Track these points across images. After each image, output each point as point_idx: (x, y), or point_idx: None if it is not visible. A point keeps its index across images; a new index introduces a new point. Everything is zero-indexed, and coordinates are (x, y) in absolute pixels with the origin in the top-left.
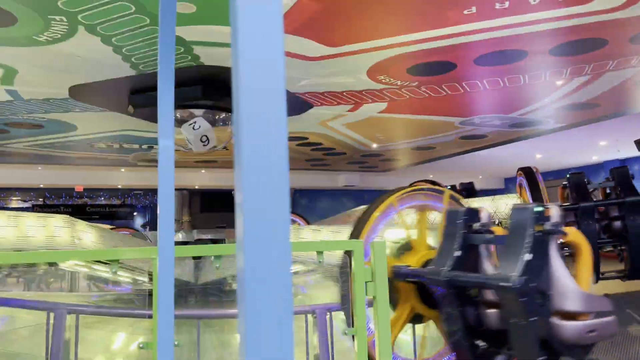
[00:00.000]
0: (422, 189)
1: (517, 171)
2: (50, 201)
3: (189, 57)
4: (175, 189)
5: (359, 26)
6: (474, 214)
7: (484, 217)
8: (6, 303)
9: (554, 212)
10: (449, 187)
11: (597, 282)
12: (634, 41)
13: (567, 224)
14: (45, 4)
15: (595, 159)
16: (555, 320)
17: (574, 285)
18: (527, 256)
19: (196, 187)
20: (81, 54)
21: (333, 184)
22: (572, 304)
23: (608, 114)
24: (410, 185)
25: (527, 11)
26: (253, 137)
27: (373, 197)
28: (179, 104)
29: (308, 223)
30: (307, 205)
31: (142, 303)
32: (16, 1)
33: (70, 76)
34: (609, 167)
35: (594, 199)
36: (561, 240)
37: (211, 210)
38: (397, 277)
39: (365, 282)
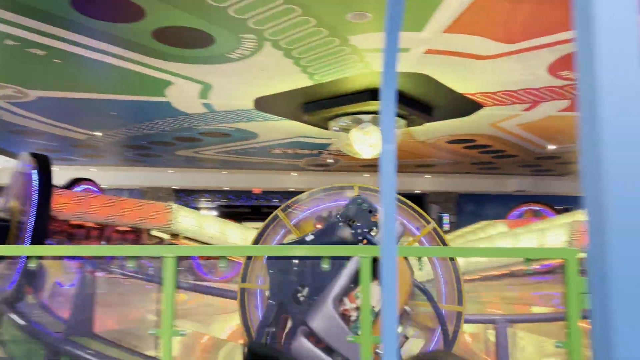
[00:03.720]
0: None
1: None
2: (232, 202)
3: (361, 65)
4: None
5: (542, 19)
6: None
7: None
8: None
9: None
10: None
11: None
12: None
13: None
14: (239, 24)
15: None
16: None
17: None
18: None
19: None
20: (266, 67)
21: (502, 188)
22: None
23: None
24: None
25: None
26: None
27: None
28: (351, 111)
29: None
30: (473, 211)
31: None
32: (215, 24)
33: (255, 89)
34: None
35: None
36: None
37: None
38: None
39: (580, 294)
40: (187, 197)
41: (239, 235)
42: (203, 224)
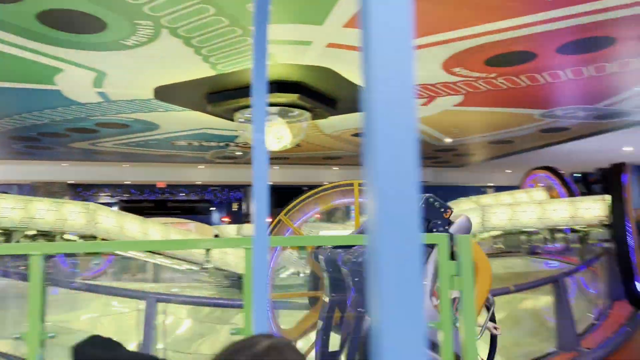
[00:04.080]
0: None
1: (534, 169)
2: (135, 197)
3: None
4: (246, 186)
5: (434, 17)
6: None
7: None
8: (103, 291)
9: None
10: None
11: None
12: None
13: None
14: (133, 10)
15: None
16: None
17: None
18: None
19: (269, 183)
20: (165, 56)
21: None
22: None
23: None
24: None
25: None
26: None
27: (448, 194)
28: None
29: None
30: None
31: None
32: (106, 8)
33: (155, 78)
34: None
35: None
36: None
37: (285, 206)
38: None
39: (452, 276)
40: (85, 192)
41: (161, 234)
42: (123, 224)
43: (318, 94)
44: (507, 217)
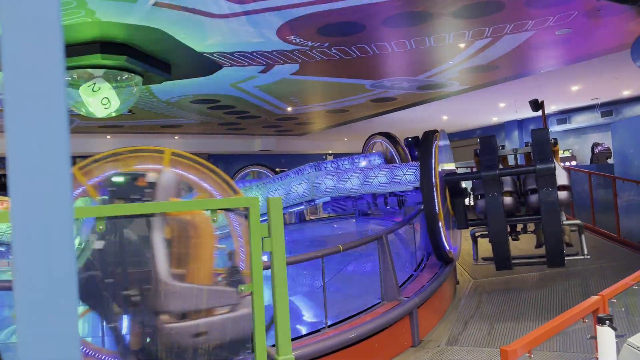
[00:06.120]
0: None
1: (377, 134)
2: None
3: (83, 12)
4: (79, 157)
5: None
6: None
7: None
8: None
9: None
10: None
11: None
12: (529, 5)
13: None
14: None
15: (495, 119)
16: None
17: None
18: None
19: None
20: None
21: (249, 148)
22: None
23: (507, 76)
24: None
25: None
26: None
27: (290, 161)
28: (76, 65)
29: None
30: (223, 171)
31: None
32: None
33: None
34: (509, 127)
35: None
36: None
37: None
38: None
39: (262, 238)
40: None
41: None
42: None
43: (149, 57)
44: (333, 184)
